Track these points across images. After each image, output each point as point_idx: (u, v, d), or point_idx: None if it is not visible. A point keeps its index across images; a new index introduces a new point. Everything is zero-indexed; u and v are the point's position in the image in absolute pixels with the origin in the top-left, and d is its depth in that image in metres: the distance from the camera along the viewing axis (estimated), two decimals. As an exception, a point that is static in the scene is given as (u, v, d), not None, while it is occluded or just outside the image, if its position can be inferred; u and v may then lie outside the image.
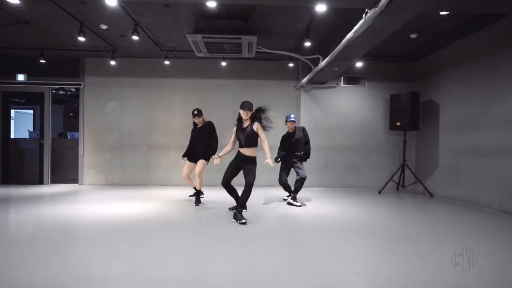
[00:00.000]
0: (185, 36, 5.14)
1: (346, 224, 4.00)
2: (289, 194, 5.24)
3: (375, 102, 7.22)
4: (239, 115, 4.11)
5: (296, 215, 4.46)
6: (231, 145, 4.19)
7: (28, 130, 8.40)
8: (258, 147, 4.11)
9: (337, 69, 5.90)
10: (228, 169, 4.16)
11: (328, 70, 5.80)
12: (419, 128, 6.50)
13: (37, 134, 7.45)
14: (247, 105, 4.01)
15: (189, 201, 5.34)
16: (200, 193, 5.17)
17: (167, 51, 6.49)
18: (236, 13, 4.85)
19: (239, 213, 3.93)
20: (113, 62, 6.66)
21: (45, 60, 6.52)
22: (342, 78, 7.15)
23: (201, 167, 5.00)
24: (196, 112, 5.04)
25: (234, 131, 4.17)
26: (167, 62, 6.76)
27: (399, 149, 7.01)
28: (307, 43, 5.60)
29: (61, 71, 7.17)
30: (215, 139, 5.12)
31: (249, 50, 5.65)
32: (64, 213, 4.36)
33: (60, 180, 7.35)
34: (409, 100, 6.22)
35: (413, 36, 5.46)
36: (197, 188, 5.13)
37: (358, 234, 3.54)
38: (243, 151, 4.07)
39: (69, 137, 7.98)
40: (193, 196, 5.41)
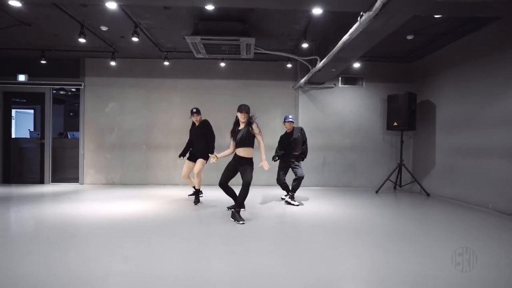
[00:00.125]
0: (184, 37, 5.19)
1: (344, 223, 4.06)
2: (287, 193, 5.30)
3: (372, 102, 7.29)
4: (236, 118, 4.17)
5: (294, 214, 4.51)
6: (231, 149, 4.22)
7: (29, 129, 8.43)
8: (254, 148, 4.14)
9: (334, 70, 5.95)
10: (225, 171, 4.21)
11: (325, 71, 5.86)
12: (416, 128, 6.56)
13: (38, 134, 7.51)
14: (245, 108, 4.06)
15: (188, 200, 5.40)
16: (199, 192, 5.23)
17: (166, 52, 6.55)
18: (234, 15, 4.91)
19: (237, 213, 3.99)
20: (113, 63, 6.72)
21: (46, 60, 6.58)
22: (340, 78, 7.21)
23: (199, 167, 5.05)
24: (195, 110, 5.10)
25: (231, 134, 4.20)
26: (166, 62, 6.81)
27: (396, 149, 7.08)
28: (305, 44, 5.67)
29: (61, 71, 7.23)
30: (211, 136, 5.14)
31: (247, 51, 5.70)
32: (64, 212, 4.43)
33: (60, 180, 7.41)
34: (406, 101, 6.27)
35: (409, 37, 5.53)
36: (196, 187, 5.20)
37: (355, 233, 3.61)
38: (239, 151, 4.11)
39: (69, 137, 8.05)
40: (192, 195, 5.48)
